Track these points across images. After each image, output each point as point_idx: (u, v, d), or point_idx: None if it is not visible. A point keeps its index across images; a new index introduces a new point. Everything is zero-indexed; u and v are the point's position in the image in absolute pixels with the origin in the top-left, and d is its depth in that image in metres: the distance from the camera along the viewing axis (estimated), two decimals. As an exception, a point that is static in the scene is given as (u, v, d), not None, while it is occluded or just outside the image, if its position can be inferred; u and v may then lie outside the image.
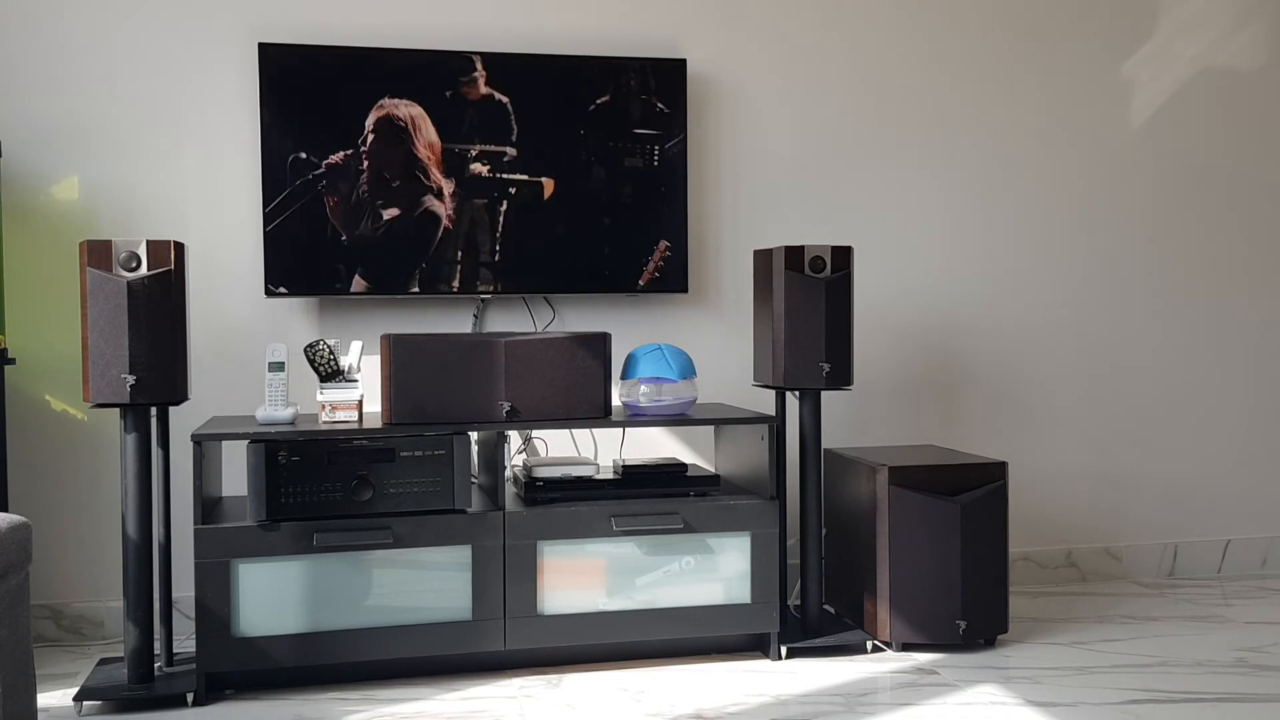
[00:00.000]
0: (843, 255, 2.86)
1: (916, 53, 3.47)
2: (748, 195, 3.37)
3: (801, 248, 2.84)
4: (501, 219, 3.08)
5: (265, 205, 2.96)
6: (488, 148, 3.05)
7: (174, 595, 3.03)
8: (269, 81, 2.95)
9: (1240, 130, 3.73)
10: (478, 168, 3.03)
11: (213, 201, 3.06)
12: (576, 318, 3.26)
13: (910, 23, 3.47)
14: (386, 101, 3.00)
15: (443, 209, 3.04)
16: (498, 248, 3.08)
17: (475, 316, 3.19)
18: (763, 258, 2.92)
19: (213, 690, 2.60)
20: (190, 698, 2.51)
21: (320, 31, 3.09)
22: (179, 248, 2.51)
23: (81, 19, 2.98)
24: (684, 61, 3.20)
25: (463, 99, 3.04)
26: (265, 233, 2.95)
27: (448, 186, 3.04)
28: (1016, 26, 3.54)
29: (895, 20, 3.46)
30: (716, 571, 2.77)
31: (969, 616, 2.85)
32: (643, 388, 2.81)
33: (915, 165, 3.49)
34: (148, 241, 2.48)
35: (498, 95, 3.04)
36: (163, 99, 3.03)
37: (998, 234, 3.56)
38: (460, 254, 3.06)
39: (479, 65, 3.04)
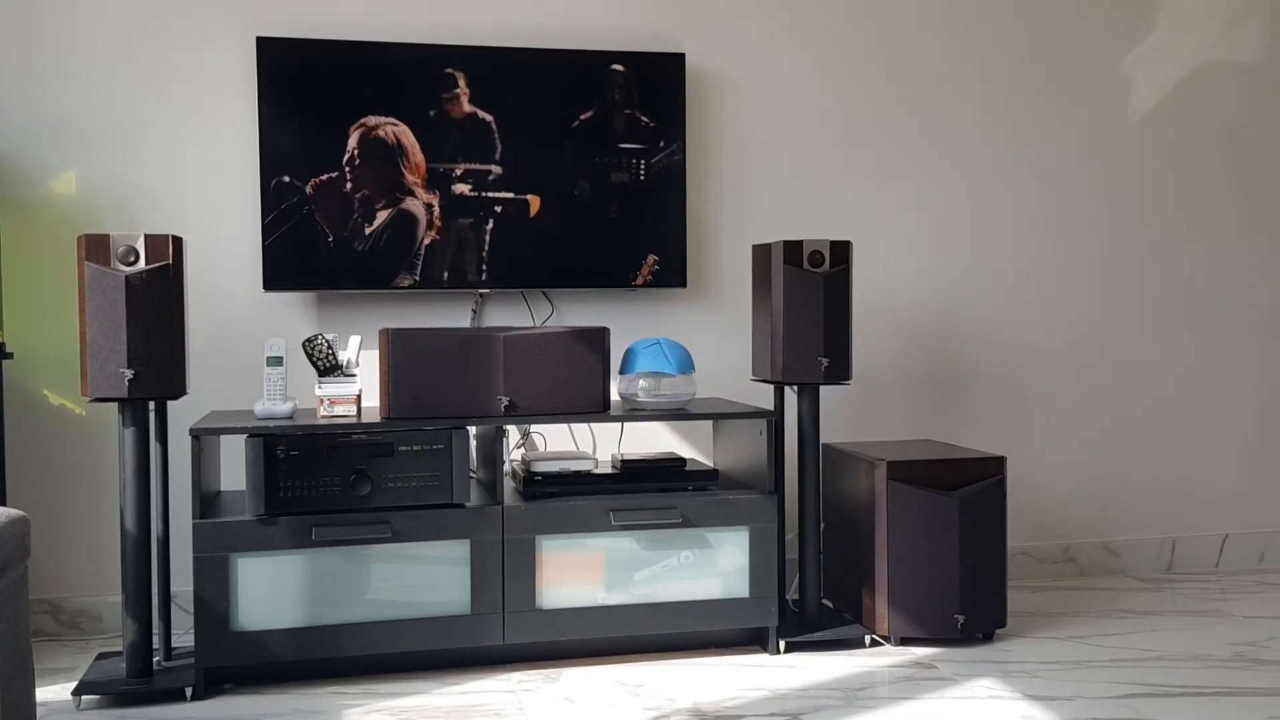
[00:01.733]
0: (841, 250, 2.86)
1: (917, 48, 3.47)
2: (746, 190, 3.37)
3: (800, 242, 2.84)
4: (488, 237, 3.07)
5: (264, 210, 2.95)
6: (472, 166, 3.04)
7: (172, 590, 3.03)
8: (267, 76, 2.95)
9: (1239, 126, 3.73)
10: (460, 187, 3.02)
11: (211, 195, 3.06)
12: (575, 312, 3.26)
13: (910, 18, 3.46)
14: (371, 119, 2.99)
15: (428, 223, 3.03)
16: (484, 268, 3.07)
17: (474, 311, 3.19)
18: (761, 252, 2.92)
19: (211, 684, 2.60)
20: (189, 692, 2.51)
21: (317, 27, 3.08)
22: (177, 242, 2.50)
23: (79, 12, 2.97)
24: (682, 56, 3.20)
25: (446, 116, 3.03)
26: (264, 246, 2.95)
27: (434, 201, 3.03)
28: (1017, 21, 3.54)
29: (895, 15, 3.45)
30: (715, 566, 2.77)
31: (967, 611, 2.85)
32: (641, 382, 2.81)
33: (914, 160, 3.49)
34: (146, 236, 2.47)
35: (481, 114, 3.03)
36: (161, 92, 3.03)
37: (997, 229, 3.56)
38: (446, 274, 3.05)
39: (462, 82, 3.02)
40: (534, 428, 3.23)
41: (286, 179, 2.97)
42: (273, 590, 2.55)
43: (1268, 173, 3.76)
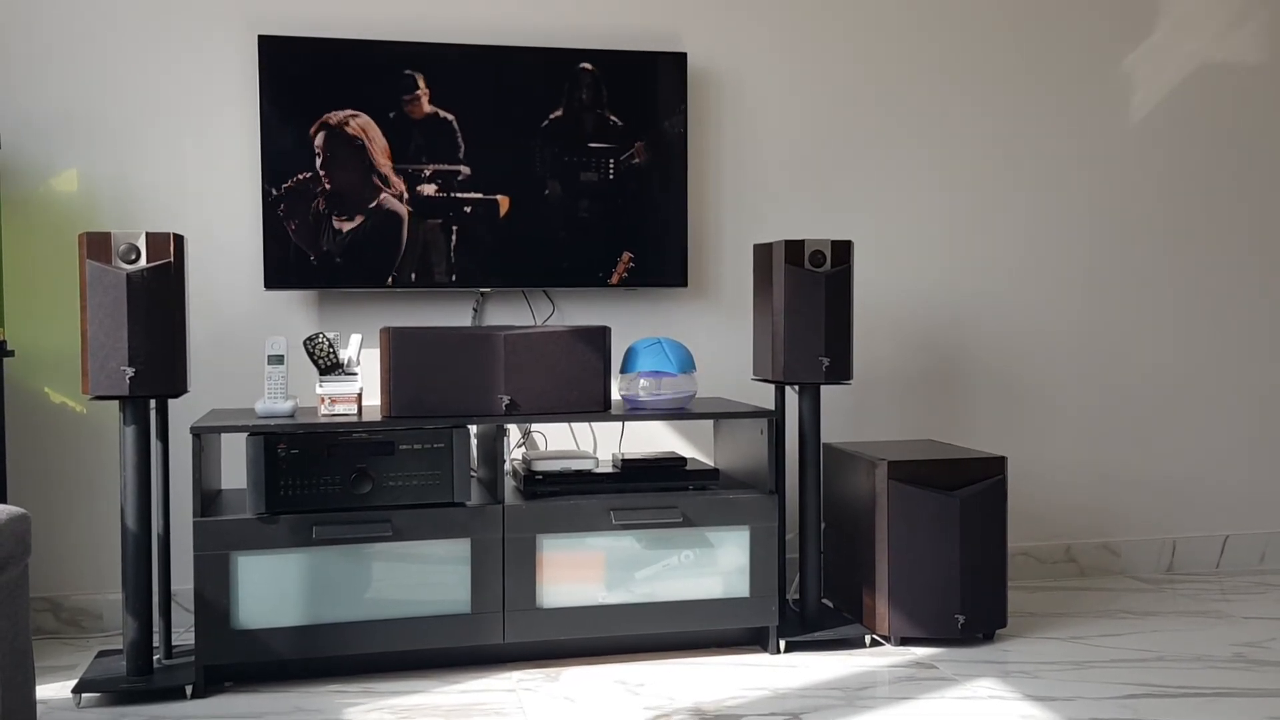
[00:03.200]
0: (843, 249, 2.86)
1: (917, 47, 3.47)
2: (747, 188, 3.37)
3: (801, 241, 2.84)
4: (455, 236, 3.06)
5: (264, 208, 2.95)
6: (440, 167, 3.04)
7: (173, 588, 3.03)
8: (268, 74, 2.94)
9: (1239, 127, 3.73)
10: (427, 187, 3.02)
11: (212, 193, 3.06)
12: (576, 311, 3.26)
13: (911, 16, 3.46)
14: (342, 114, 2.99)
15: (404, 224, 3.03)
16: (452, 268, 3.07)
17: (475, 310, 3.19)
18: (762, 252, 2.92)
19: (211, 683, 2.60)
20: (189, 690, 2.51)
21: (318, 26, 3.08)
22: (178, 240, 2.50)
23: (80, 10, 2.97)
24: (684, 55, 3.20)
25: (407, 118, 3.02)
26: (265, 244, 2.95)
27: (406, 198, 3.03)
28: (1017, 20, 3.54)
29: (895, 16, 3.45)
30: (715, 565, 2.77)
31: (968, 611, 2.85)
32: (642, 381, 2.81)
33: (915, 160, 3.48)
34: (147, 234, 2.47)
35: (442, 113, 3.02)
36: (162, 90, 3.03)
37: (998, 229, 3.55)
38: (414, 275, 3.04)
39: (421, 83, 3.01)
40: (535, 427, 3.23)
41: (286, 178, 2.97)
42: (273, 589, 2.55)
43: (1268, 173, 3.76)
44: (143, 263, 2.47)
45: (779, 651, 2.82)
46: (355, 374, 2.71)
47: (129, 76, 3.01)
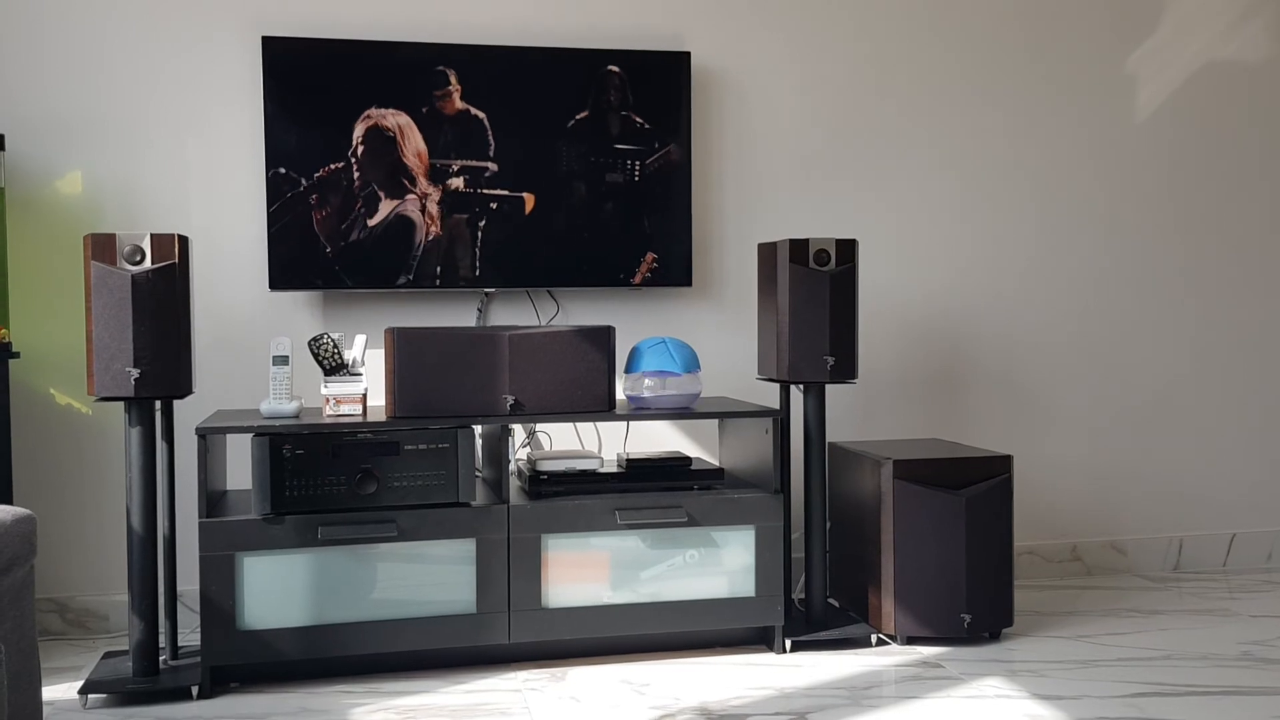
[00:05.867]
0: (847, 248, 2.85)
1: (923, 46, 3.47)
2: (752, 188, 3.37)
3: (806, 240, 2.83)
4: (480, 235, 3.06)
5: (269, 210, 2.95)
6: (468, 163, 3.05)
7: (179, 589, 3.04)
8: (272, 75, 2.95)
9: (1244, 125, 3.72)
10: (455, 182, 3.02)
11: (216, 195, 3.06)
12: (580, 311, 3.26)
13: (914, 19, 3.46)
14: (374, 111, 3.00)
15: (429, 219, 3.03)
16: (477, 266, 3.07)
17: (479, 310, 3.19)
18: (767, 251, 2.92)
19: (217, 683, 2.60)
20: (195, 690, 2.52)
21: (317, 26, 3.08)
22: (183, 241, 2.51)
23: (85, 12, 2.98)
24: (688, 54, 3.20)
25: (439, 114, 3.03)
26: (270, 246, 2.95)
27: (434, 194, 3.03)
28: (1021, 19, 3.53)
29: (899, 16, 3.45)
30: (721, 565, 2.77)
31: (974, 610, 2.84)
32: (647, 381, 2.81)
33: (920, 158, 3.48)
34: (152, 235, 2.48)
35: (473, 110, 3.03)
36: (166, 93, 3.03)
37: (1003, 227, 3.55)
38: (440, 269, 3.05)
39: (453, 79, 3.02)
40: (539, 427, 3.23)
41: (290, 179, 2.97)
42: (279, 589, 2.55)
43: (1274, 171, 3.75)
44: (147, 264, 2.47)
45: (785, 651, 2.82)
46: (360, 374, 2.71)
47: (133, 78, 3.01)
